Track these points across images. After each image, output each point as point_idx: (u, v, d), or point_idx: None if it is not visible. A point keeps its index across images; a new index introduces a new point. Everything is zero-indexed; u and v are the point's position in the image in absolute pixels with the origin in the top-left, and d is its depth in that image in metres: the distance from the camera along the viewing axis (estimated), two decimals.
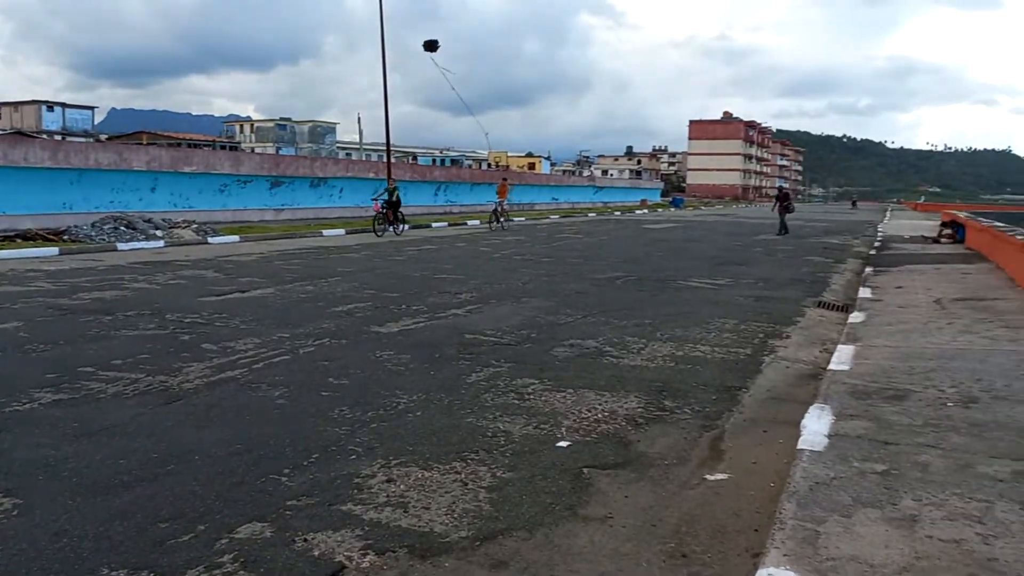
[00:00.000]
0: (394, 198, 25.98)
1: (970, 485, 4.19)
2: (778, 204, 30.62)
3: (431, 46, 32.54)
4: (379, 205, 26.03)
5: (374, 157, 57.72)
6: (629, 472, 4.72)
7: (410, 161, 74.39)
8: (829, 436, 5.00)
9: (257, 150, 71.19)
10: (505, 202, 31.40)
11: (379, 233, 25.32)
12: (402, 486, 4.42)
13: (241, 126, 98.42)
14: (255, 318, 9.64)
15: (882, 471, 4.39)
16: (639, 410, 5.97)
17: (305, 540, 3.76)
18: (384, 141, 34.13)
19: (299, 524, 3.93)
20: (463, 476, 4.58)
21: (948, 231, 24.95)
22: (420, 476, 4.57)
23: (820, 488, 4.12)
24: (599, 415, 5.82)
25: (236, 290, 12.12)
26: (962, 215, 27.51)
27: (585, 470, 4.73)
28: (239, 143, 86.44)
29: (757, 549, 3.59)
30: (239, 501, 4.19)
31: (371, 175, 38.24)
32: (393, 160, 37.56)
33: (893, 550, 3.42)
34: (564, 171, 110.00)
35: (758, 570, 3.25)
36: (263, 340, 8.29)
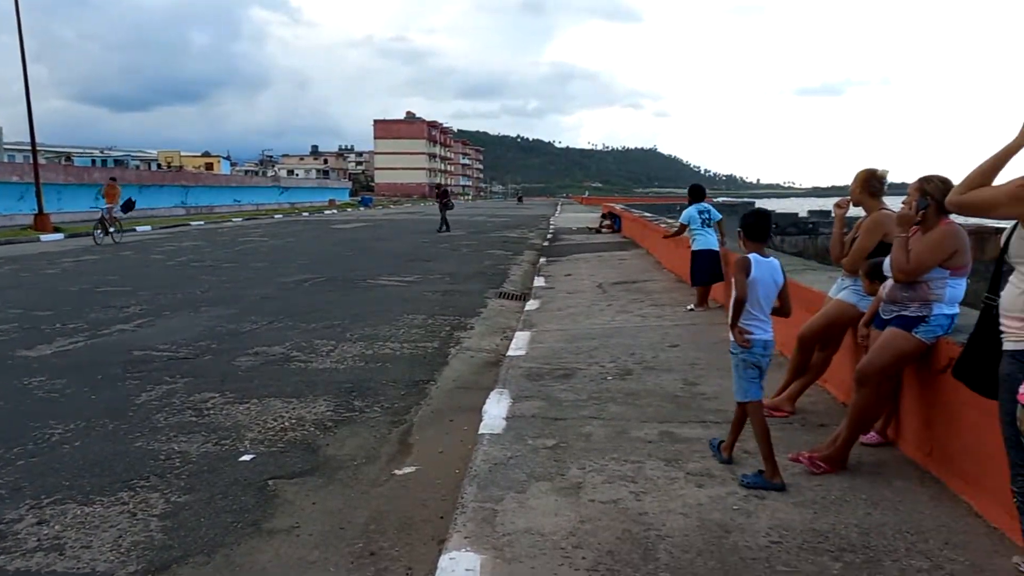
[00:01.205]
0: None
1: (625, 449, 4.68)
2: (438, 202, 31.03)
3: None
4: None
5: (19, 158, 50.61)
6: (317, 478, 4.63)
7: (64, 162, 66.40)
8: (507, 418, 5.30)
9: None
10: (116, 208, 24.17)
11: None
12: (57, 526, 3.92)
13: None
14: None
15: (552, 445, 4.75)
16: (328, 413, 5.88)
17: None
18: (29, 139, 30.09)
19: None
20: (131, 506, 4.17)
21: (608, 222, 27.78)
22: (79, 513, 4.08)
23: (499, 468, 4.36)
24: (286, 423, 5.63)
25: None
26: (618, 207, 30.76)
27: (271, 482, 4.55)
28: None
29: (443, 536, 3.69)
30: None
31: (15, 178, 33.52)
32: (43, 161, 33.31)
33: (561, 517, 3.71)
34: (247, 171, 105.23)
35: (441, 556, 3.35)
36: None
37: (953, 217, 4.05)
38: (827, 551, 3.34)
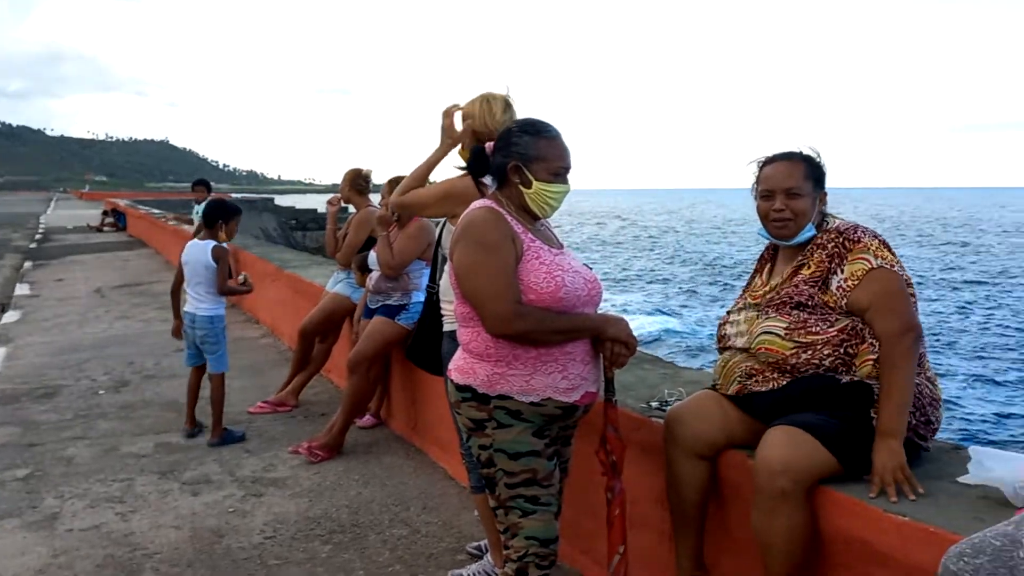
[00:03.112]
0: None
1: (115, 468, 4.31)
2: None
3: None
4: None
5: None
6: None
7: None
8: None
9: None
10: None
11: None
12: None
13: None
14: None
15: (25, 476, 4.18)
16: None
17: None
18: None
19: None
20: None
21: (111, 219, 25.30)
22: None
23: None
24: None
25: None
26: (123, 203, 28.26)
27: None
28: None
29: None
30: None
31: None
32: None
33: (30, 556, 3.27)
34: None
35: None
36: None
37: None
38: (318, 536, 3.47)
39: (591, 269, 2.35)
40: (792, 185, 2.31)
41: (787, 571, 2.05)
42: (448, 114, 2.94)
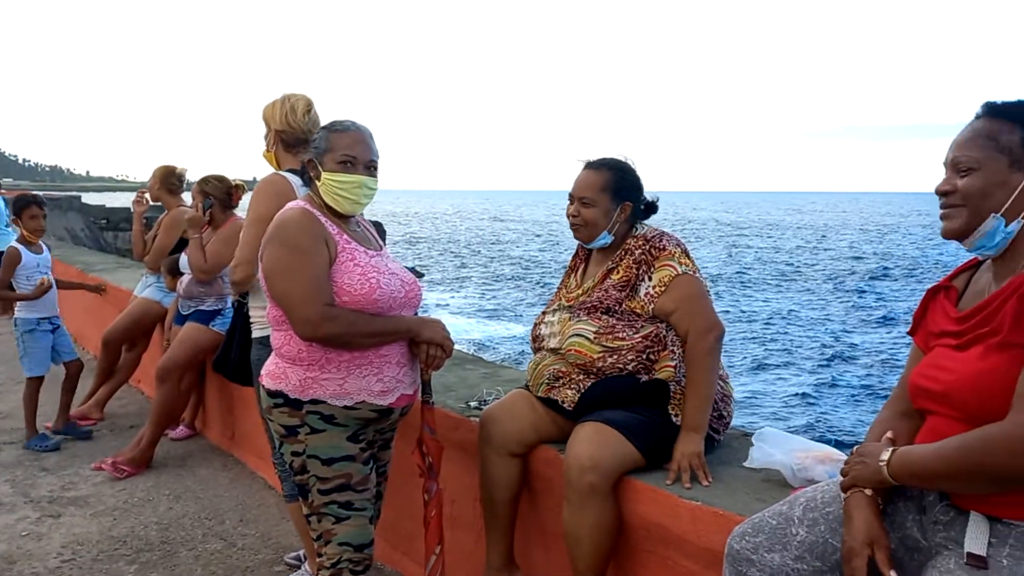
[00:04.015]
0: None
1: None
2: None
3: None
4: None
5: None
6: None
7: None
8: None
9: None
10: None
11: None
12: None
13: None
14: None
15: None
16: None
17: None
18: None
19: None
20: None
21: None
22: None
23: None
24: None
25: None
26: None
27: None
28: None
29: None
30: None
31: None
32: None
33: None
34: None
35: None
36: None
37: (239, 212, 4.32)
38: (123, 556, 3.27)
39: (413, 271, 2.36)
40: (585, 195, 2.38)
41: (594, 563, 2.15)
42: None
